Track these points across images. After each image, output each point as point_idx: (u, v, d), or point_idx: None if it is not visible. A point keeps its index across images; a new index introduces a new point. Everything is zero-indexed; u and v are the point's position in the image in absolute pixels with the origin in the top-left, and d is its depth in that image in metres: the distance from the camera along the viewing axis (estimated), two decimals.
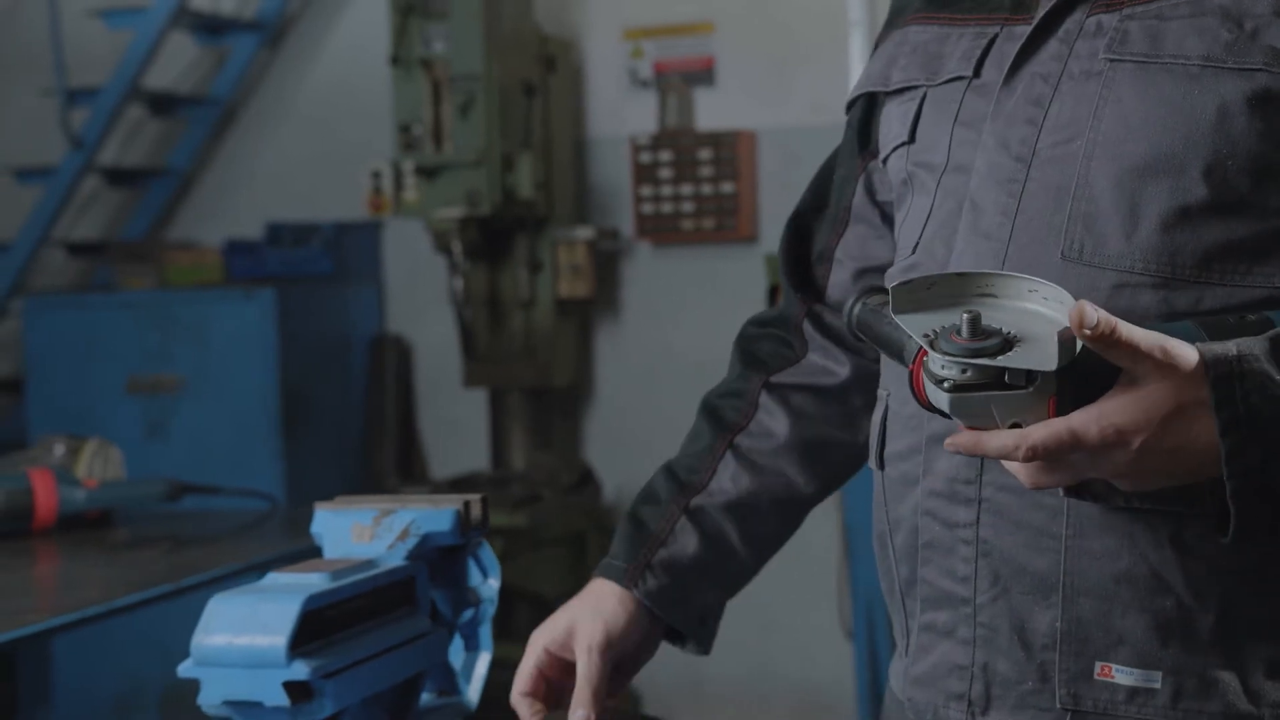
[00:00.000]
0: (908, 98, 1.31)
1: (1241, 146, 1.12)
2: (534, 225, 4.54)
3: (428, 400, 4.98)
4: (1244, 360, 1.05)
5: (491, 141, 4.29)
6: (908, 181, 1.31)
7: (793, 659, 4.57)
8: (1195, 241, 1.13)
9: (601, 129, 4.75)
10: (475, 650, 1.41)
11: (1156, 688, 1.15)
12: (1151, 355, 1.04)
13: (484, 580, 1.38)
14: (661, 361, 4.70)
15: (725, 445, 1.46)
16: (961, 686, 1.22)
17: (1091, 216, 1.15)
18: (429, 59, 4.30)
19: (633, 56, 4.70)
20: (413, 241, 4.79)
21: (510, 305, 4.58)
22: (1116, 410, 1.05)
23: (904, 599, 1.29)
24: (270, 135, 5.13)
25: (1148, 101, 1.14)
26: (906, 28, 1.35)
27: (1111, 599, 1.15)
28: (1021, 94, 1.20)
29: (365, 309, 4.94)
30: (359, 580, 1.20)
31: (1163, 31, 1.15)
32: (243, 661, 1.10)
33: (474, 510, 1.32)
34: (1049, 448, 1.04)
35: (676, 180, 4.61)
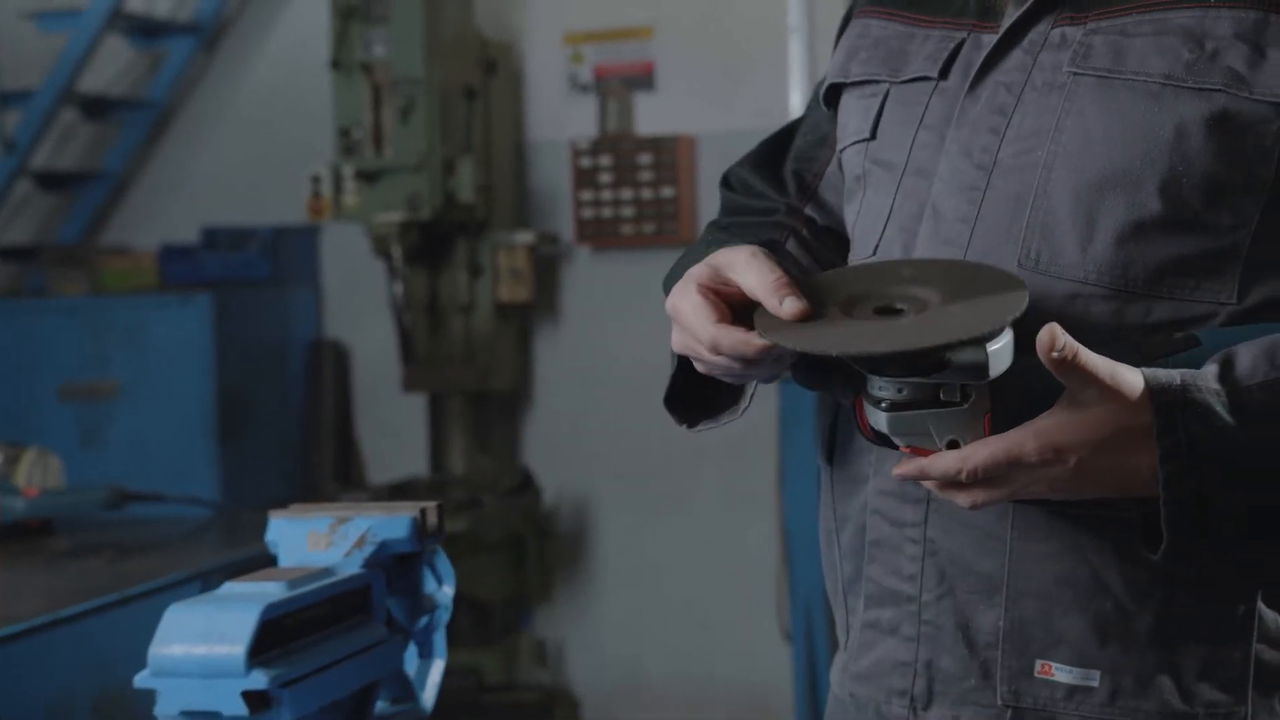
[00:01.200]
0: (869, 92, 1.32)
1: (1197, 165, 1.14)
2: (474, 229, 4.54)
3: (366, 405, 4.96)
4: (1188, 390, 1.08)
5: (432, 146, 4.28)
6: (862, 178, 1.32)
7: (732, 660, 4.59)
8: (1148, 256, 1.15)
9: (542, 133, 4.75)
10: (430, 657, 1.40)
11: (1095, 686, 1.18)
12: (1100, 379, 1.07)
13: (439, 587, 1.38)
14: (601, 365, 4.71)
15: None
16: (904, 683, 1.24)
17: (1049, 226, 1.17)
18: (369, 63, 4.29)
19: (573, 61, 4.71)
20: (351, 245, 4.77)
21: (450, 309, 4.57)
22: (1056, 429, 1.07)
23: (847, 596, 1.31)
24: (207, 139, 5.08)
25: (1108, 116, 1.16)
26: (867, 20, 1.36)
27: (1053, 599, 1.18)
28: (985, 102, 1.22)
29: (303, 314, 4.91)
30: (316, 589, 1.20)
31: (1126, 48, 1.17)
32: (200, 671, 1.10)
33: (430, 517, 1.32)
34: (989, 469, 1.07)
35: (616, 185, 4.61)
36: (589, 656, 4.78)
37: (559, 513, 4.77)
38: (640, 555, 4.72)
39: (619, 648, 4.74)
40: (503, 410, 4.76)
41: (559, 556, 4.77)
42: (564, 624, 4.80)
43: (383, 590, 1.30)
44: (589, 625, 4.78)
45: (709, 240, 1.33)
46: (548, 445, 4.78)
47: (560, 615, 4.80)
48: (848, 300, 1.14)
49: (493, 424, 4.72)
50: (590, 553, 4.79)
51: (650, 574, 4.69)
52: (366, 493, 4.49)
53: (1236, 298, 1.15)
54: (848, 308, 1.13)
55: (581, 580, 4.79)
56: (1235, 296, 1.15)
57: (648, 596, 4.70)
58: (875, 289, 1.14)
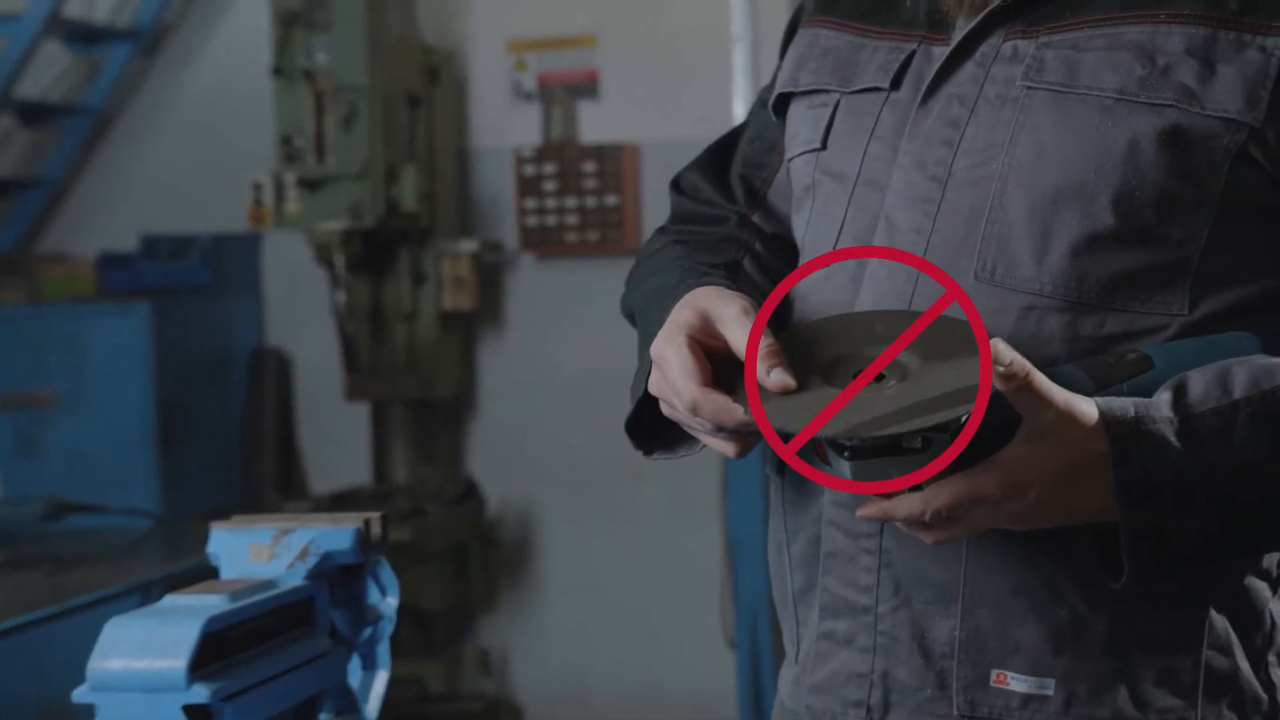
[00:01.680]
0: (819, 102, 1.32)
1: (1149, 179, 1.15)
2: (417, 237, 4.52)
3: (308, 414, 4.93)
4: (1141, 422, 1.09)
5: (375, 153, 4.26)
6: (812, 188, 1.32)
7: (676, 669, 4.59)
8: (1102, 268, 1.16)
9: (485, 141, 4.74)
10: (373, 669, 1.39)
11: (1049, 694, 1.19)
12: (1055, 406, 1.08)
13: (382, 598, 1.37)
14: (545, 374, 4.70)
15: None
16: (860, 694, 1.24)
17: (1005, 239, 1.18)
18: (311, 70, 4.26)
19: (516, 69, 4.70)
20: (293, 253, 4.74)
21: (393, 318, 4.55)
22: (1016, 464, 1.09)
23: (797, 607, 1.31)
24: (147, 146, 5.04)
25: (1062, 130, 1.17)
26: (815, 29, 1.36)
27: (1008, 609, 1.19)
28: (938, 114, 1.23)
29: (244, 322, 4.87)
30: (258, 601, 1.19)
31: (1079, 62, 1.18)
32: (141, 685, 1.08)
33: (374, 528, 1.31)
34: (953, 509, 1.08)
35: (560, 193, 4.61)
36: (533, 666, 4.77)
37: (503, 521, 4.76)
38: (585, 564, 4.71)
39: (563, 657, 4.73)
40: (446, 419, 4.74)
41: (503, 565, 4.76)
42: (508, 633, 4.78)
43: (326, 602, 1.29)
44: (533, 634, 4.76)
45: (678, 264, 1.31)
46: (492, 454, 4.77)
47: (504, 624, 4.78)
48: (828, 366, 1.14)
49: (436, 433, 4.71)
50: (535, 561, 4.77)
51: (595, 583, 4.69)
52: (309, 502, 4.46)
53: (1188, 309, 1.16)
54: (828, 374, 1.13)
55: (526, 589, 4.78)
56: (1186, 308, 1.16)
57: (592, 605, 4.69)
58: (853, 350, 1.14)
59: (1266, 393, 1.11)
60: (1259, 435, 1.10)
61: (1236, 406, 1.10)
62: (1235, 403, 1.10)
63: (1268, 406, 1.10)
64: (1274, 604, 1.23)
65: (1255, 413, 1.10)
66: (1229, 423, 1.10)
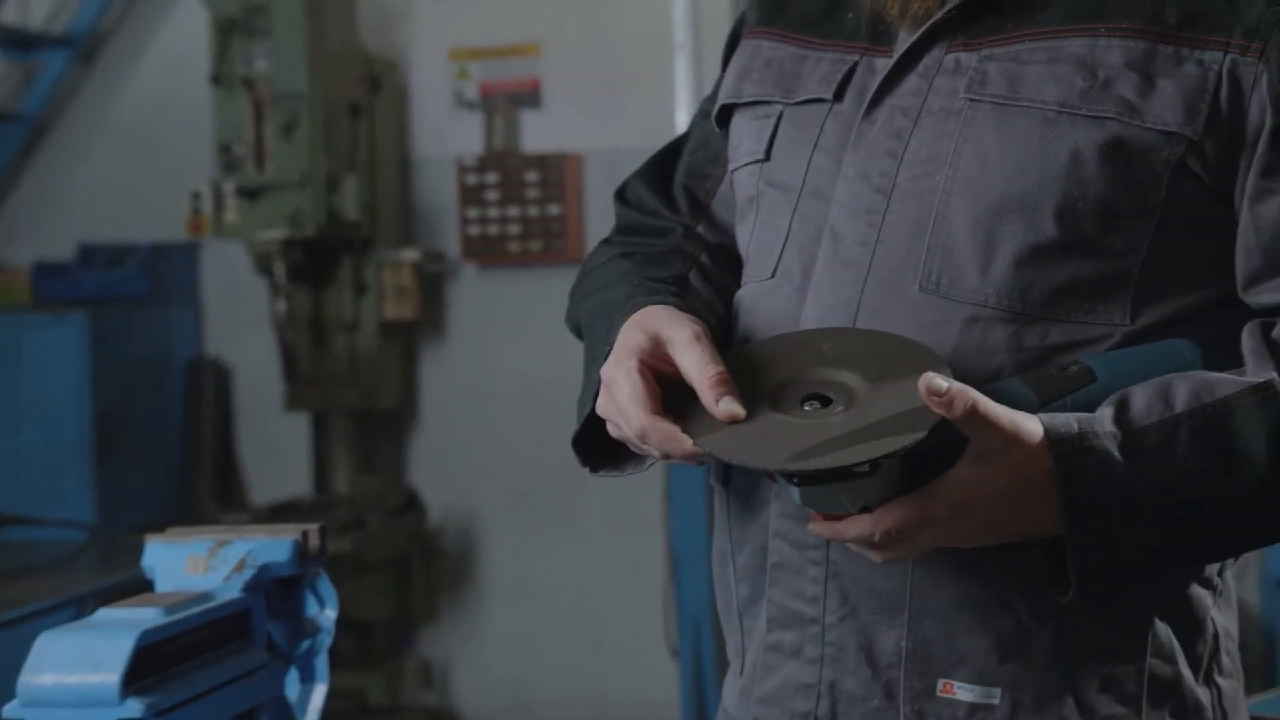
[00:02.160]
0: (762, 113, 1.33)
1: (1091, 191, 1.16)
2: (359, 247, 4.50)
3: (248, 424, 4.89)
4: (1085, 438, 1.10)
5: (315, 162, 4.23)
6: (756, 199, 1.32)
7: (619, 679, 4.59)
8: (1045, 279, 1.17)
9: (427, 150, 4.72)
10: (311, 682, 1.38)
11: (995, 704, 1.19)
12: (1001, 429, 1.09)
13: (321, 610, 1.36)
14: (488, 384, 4.69)
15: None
16: (808, 705, 1.24)
17: (949, 250, 1.19)
18: (251, 78, 4.23)
19: (458, 77, 4.68)
20: (232, 262, 4.70)
21: (334, 327, 4.53)
22: (963, 484, 1.10)
23: (743, 618, 1.31)
24: (83, 153, 4.98)
25: (1005, 142, 1.18)
26: (758, 41, 1.36)
27: (954, 619, 1.19)
28: (882, 126, 1.23)
29: (183, 331, 4.83)
30: (194, 614, 1.17)
31: (1021, 75, 1.19)
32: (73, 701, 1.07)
33: (312, 540, 1.30)
34: (901, 530, 1.09)
35: (503, 202, 4.60)
36: (476, 677, 4.74)
37: (445, 532, 4.74)
38: (527, 574, 4.70)
39: (506, 667, 4.71)
40: (388, 429, 4.71)
41: (445, 576, 4.73)
42: (450, 644, 4.76)
43: (263, 614, 1.28)
44: (475, 645, 4.74)
45: (626, 279, 1.31)
46: (434, 464, 4.75)
47: (446, 635, 4.76)
48: (775, 390, 1.14)
49: (378, 443, 4.68)
50: (477, 572, 4.75)
51: (537, 593, 4.67)
52: (248, 513, 4.43)
53: (1130, 319, 1.18)
54: (775, 399, 1.13)
55: (468, 600, 4.76)
56: (1129, 318, 1.18)
57: (535, 616, 4.68)
58: (799, 373, 1.15)
59: (1207, 406, 1.12)
60: (1201, 448, 1.11)
61: (1178, 420, 1.11)
62: (1177, 416, 1.11)
63: (1209, 419, 1.11)
64: (1215, 612, 1.24)
65: (1197, 426, 1.11)
66: (1171, 436, 1.11)
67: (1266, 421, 1.11)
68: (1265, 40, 1.15)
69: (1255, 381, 1.12)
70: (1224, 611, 1.26)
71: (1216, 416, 1.11)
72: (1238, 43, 1.15)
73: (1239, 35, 1.15)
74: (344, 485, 4.60)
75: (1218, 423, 1.11)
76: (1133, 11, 1.17)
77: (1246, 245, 1.18)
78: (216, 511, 4.57)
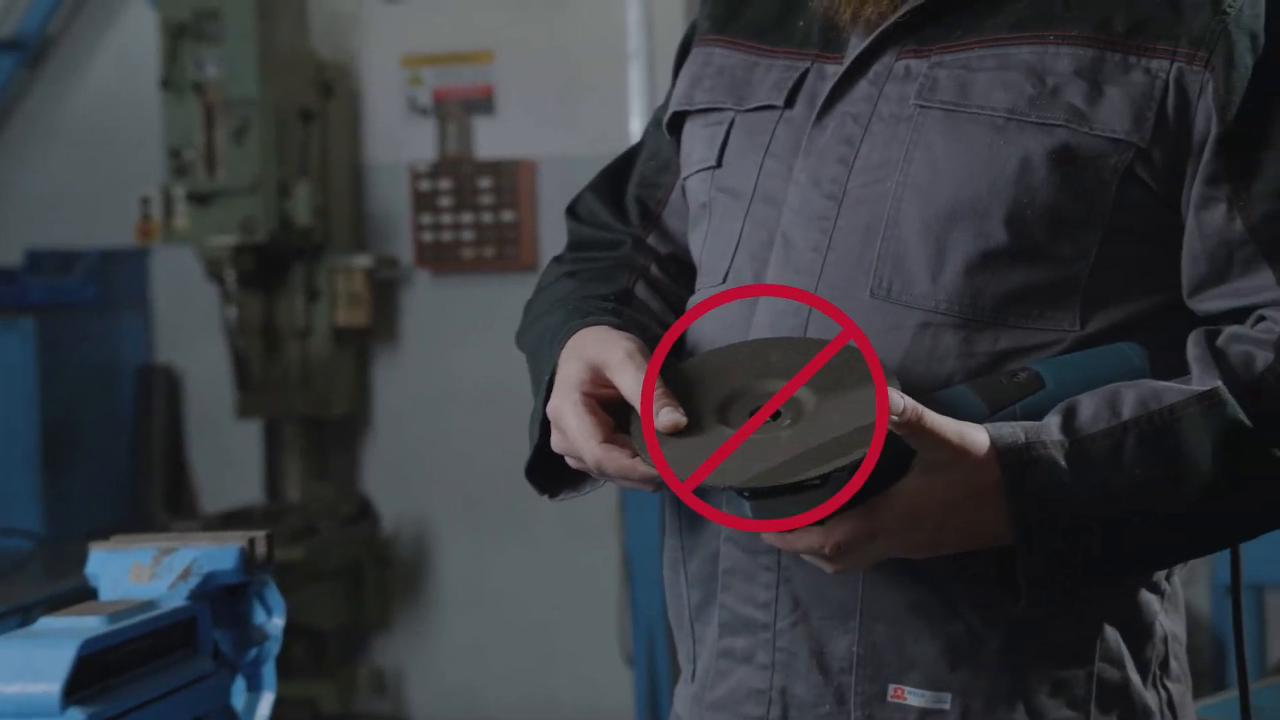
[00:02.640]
0: (713, 120, 1.33)
1: (1040, 197, 1.17)
2: (311, 253, 4.48)
3: (199, 431, 4.85)
4: (1032, 448, 1.11)
5: (267, 168, 4.21)
6: (708, 205, 1.32)
7: (574, 686, 4.58)
8: (995, 285, 1.18)
9: (380, 156, 4.71)
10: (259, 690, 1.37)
11: (946, 709, 1.19)
12: (949, 442, 1.09)
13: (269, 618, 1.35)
14: (441, 391, 4.67)
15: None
16: (759, 710, 1.24)
17: (900, 256, 1.19)
18: (201, 82, 4.21)
19: (411, 84, 4.67)
20: (183, 268, 4.67)
21: (286, 334, 4.50)
22: (912, 496, 1.10)
23: (694, 624, 1.30)
24: (31, 158, 4.94)
25: (955, 148, 1.19)
26: (709, 48, 1.36)
27: (905, 624, 1.19)
28: (833, 132, 1.24)
29: (132, 338, 4.79)
30: (138, 622, 1.16)
31: (971, 82, 1.19)
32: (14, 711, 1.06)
33: (259, 547, 1.29)
34: (852, 542, 1.10)
35: (456, 208, 4.59)
36: (429, 685, 4.73)
37: (399, 539, 4.72)
38: (481, 581, 4.68)
39: (460, 675, 4.70)
40: (341, 436, 4.69)
41: (399, 584, 4.71)
42: (404, 652, 4.74)
43: (209, 622, 1.27)
44: (429, 653, 4.72)
45: (564, 304, 1.31)
46: (387, 471, 4.73)
47: (400, 643, 4.74)
48: (722, 403, 1.14)
49: (330, 450, 4.66)
50: (431, 580, 4.74)
51: (491, 600, 4.66)
52: (198, 521, 4.40)
53: (1079, 325, 1.18)
54: (723, 412, 1.14)
55: (422, 607, 4.74)
56: (1078, 324, 1.18)
57: (489, 623, 4.67)
58: (747, 384, 1.15)
59: (1154, 413, 1.12)
60: (1147, 455, 1.12)
61: (1126, 428, 1.12)
62: (1124, 424, 1.12)
63: (1155, 427, 1.12)
64: (1164, 617, 1.25)
65: (1143, 433, 1.12)
66: (1119, 444, 1.11)
67: (1212, 429, 1.12)
68: (1211, 49, 1.16)
69: (1201, 390, 1.13)
70: (1172, 616, 1.26)
71: (1163, 424, 1.12)
72: (1184, 51, 1.16)
73: (1185, 44, 1.16)
74: (296, 493, 4.57)
75: (1164, 430, 1.12)
76: (1081, 19, 1.18)
77: (1192, 252, 1.19)
78: (167, 519, 4.54)
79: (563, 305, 1.30)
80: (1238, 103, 1.15)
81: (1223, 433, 1.11)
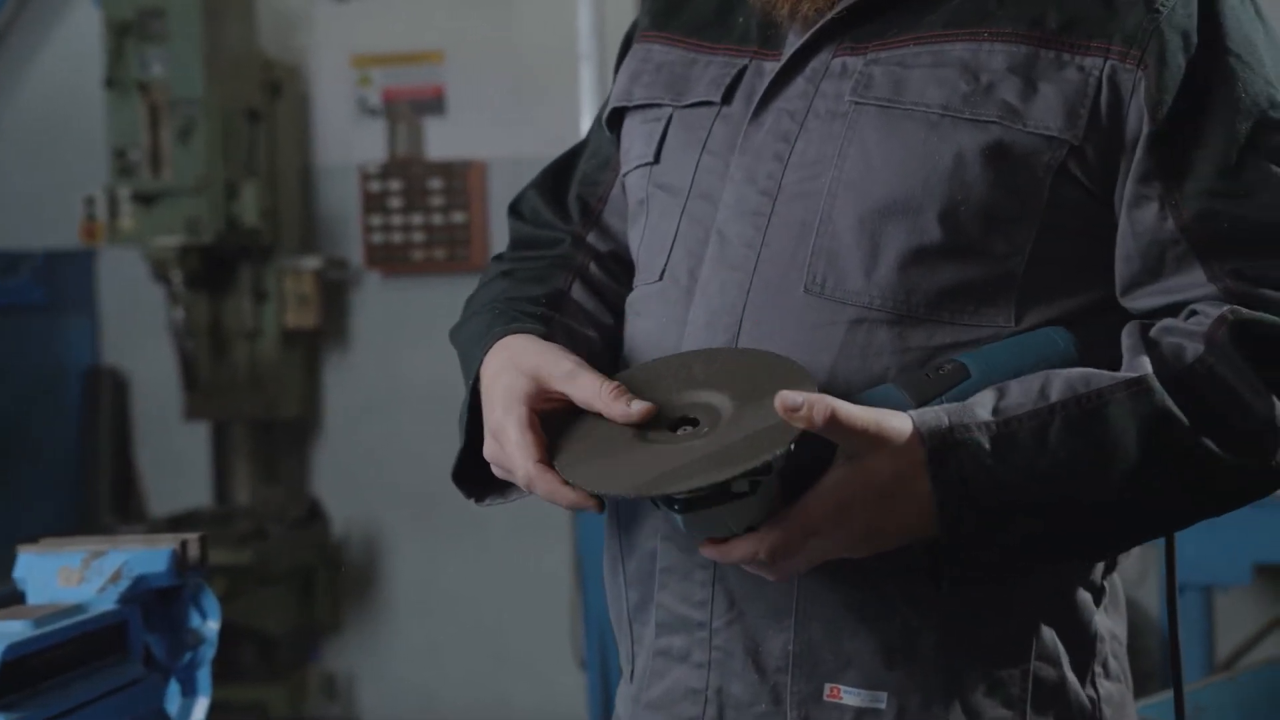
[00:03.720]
0: (652, 116, 1.33)
1: (974, 194, 1.17)
2: (259, 254, 4.44)
3: (146, 434, 4.81)
4: (955, 430, 1.10)
5: (212, 168, 4.18)
6: (645, 201, 1.32)
7: (527, 688, 4.56)
8: (929, 281, 1.17)
9: (330, 157, 4.68)
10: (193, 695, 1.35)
11: (882, 708, 1.19)
12: (866, 431, 1.09)
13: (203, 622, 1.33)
14: (392, 393, 4.65)
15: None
16: (695, 710, 1.24)
17: (834, 252, 1.19)
18: (146, 82, 4.17)
19: (361, 84, 4.64)
20: (131, 270, 4.62)
21: (234, 335, 4.47)
22: (837, 488, 1.10)
23: (632, 624, 1.30)
24: None
25: (889, 145, 1.19)
26: (649, 45, 1.36)
27: (841, 623, 1.19)
28: (769, 129, 1.23)
29: (79, 340, 4.75)
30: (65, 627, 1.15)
31: (905, 79, 1.19)
32: None
33: (191, 550, 1.27)
34: (786, 544, 1.09)
35: (406, 210, 4.57)
36: (382, 688, 4.70)
37: (350, 542, 4.69)
38: (434, 584, 4.66)
39: (412, 678, 4.67)
40: (290, 439, 4.66)
41: (350, 587, 4.68)
42: (355, 656, 4.71)
43: (140, 627, 1.25)
44: (381, 656, 4.70)
45: (493, 306, 1.31)
46: (338, 474, 4.70)
47: (351, 647, 4.71)
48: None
49: (280, 453, 4.62)
50: (382, 582, 4.71)
51: (444, 603, 4.64)
52: (145, 525, 4.36)
53: (1014, 321, 1.18)
54: (644, 427, 1.14)
55: (373, 611, 4.71)
56: (1013, 320, 1.18)
57: (442, 626, 4.65)
58: (669, 398, 1.15)
59: (1082, 397, 1.12)
60: (1074, 439, 1.11)
61: (1053, 410, 1.12)
62: (1051, 406, 1.12)
63: (1083, 410, 1.12)
64: (1101, 616, 1.25)
65: (1070, 416, 1.11)
66: (1045, 426, 1.11)
67: (1140, 414, 1.11)
68: (1143, 48, 1.16)
69: (1130, 376, 1.13)
70: (1111, 615, 1.26)
71: (1091, 408, 1.12)
72: (1117, 49, 1.16)
73: (1119, 42, 1.16)
74: (245, 496, 4.54)
75: (1091, 414, 1.11)
76: (1015, 17, 1.18)
77: (1125, 251, 1.19)
78: (114, 523, 4.49)
79: (491, 308, 1.30)
80: (1170, 102, 1.15)
81: (1150, 419, 1.11)
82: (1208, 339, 1.13)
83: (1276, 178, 1.16)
